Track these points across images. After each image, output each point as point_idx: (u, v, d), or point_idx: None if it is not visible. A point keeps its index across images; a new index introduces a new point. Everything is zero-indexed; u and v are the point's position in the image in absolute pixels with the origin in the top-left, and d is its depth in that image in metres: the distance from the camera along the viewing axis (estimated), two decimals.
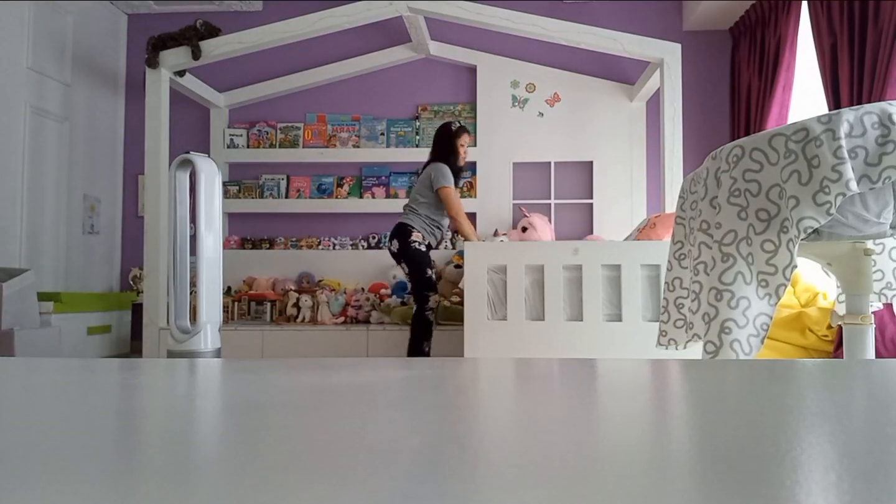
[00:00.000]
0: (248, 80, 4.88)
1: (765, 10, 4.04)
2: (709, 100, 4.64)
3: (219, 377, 0.57)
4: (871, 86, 2.92)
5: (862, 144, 1.33)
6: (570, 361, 0.65)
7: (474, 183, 4.69)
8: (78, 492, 0.24)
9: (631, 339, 2.74)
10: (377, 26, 4.62)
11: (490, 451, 0.30)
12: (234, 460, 0.28)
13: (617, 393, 0.49)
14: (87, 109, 4.62)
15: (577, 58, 4.60)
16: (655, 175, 4.42)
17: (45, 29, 4.20)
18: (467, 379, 0.56)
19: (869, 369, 0.60)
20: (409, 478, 0.25)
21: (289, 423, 0.36)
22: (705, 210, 1.63)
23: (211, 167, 2.96)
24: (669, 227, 3.02)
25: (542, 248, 2.95)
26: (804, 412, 0.40)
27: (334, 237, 4.80)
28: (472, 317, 2.81)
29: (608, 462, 0.28)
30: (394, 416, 0.38)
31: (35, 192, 4.11)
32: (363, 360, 0.66)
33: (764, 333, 1.45)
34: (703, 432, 0.34)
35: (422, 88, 4.84)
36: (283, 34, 3.89)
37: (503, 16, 3.76)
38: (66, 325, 3.76)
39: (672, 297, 1.81)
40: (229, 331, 3.88)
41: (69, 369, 0.61)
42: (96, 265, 4.72)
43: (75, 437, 0.32)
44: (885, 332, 2.95)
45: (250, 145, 4.86)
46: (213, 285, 3.08)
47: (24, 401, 0.44)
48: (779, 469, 0.27)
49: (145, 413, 0.41)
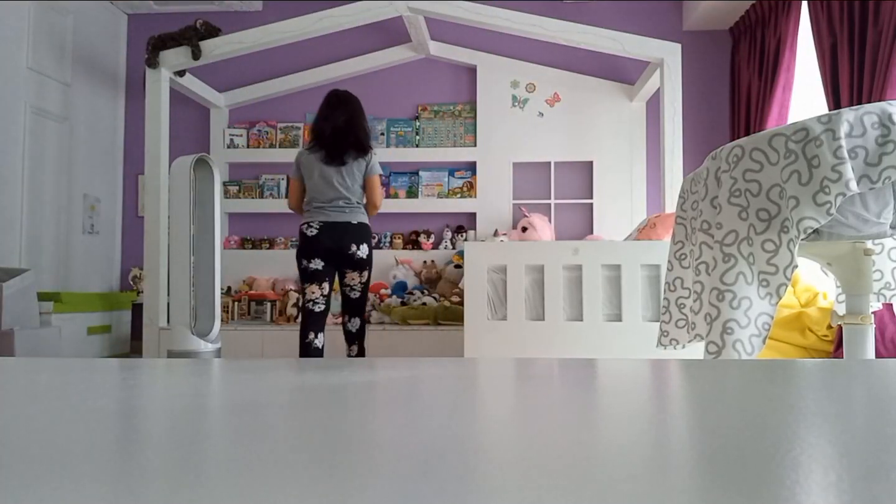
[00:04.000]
0: (248, 80, 4.88)
1: (765, 10, 4.04)
2: (709, 100, 4.64)
3: (219, 377, 0.57)
4: (871, 86, 2.92)
5: (862, 144, 1.33)
6: (570, 361, 0.65)
7: (474, 183, 4.69)
8: (78, 492, 0.24)
9: (631, 339, 2.74)
10: (377, 26, 4.62)
11: (490, 451, 0.30)
12: (234, 460, 0.28)
13: (617, 393, 0.49)
14: (87, 109, 4.62)
15: (577, 58, 4.60)
16: (655, 175, 4.42)
17: (45, 29, 4.20)
18: (467, 379, 0.56)
19: (869, 369, 0.60)
20: (409, 478, 0.25)
21: (289, 423, 0.36)
22: (706, 210, 1.63)
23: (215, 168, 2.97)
24: (669, 227, 3.02)
25: (542, 248, 2.95)
26: (804, 412, 0.40)
27: None
28: (472, 317, 2.81)
29: (608, 462, 0.28)
30: (394, 416, 0.38)
31: (35, 192, 4.11)
32: (363, 360, 0.66)
33: (765, 333, 1.45)
34: (703, 432, 0.34)
35: (422, 88, 4.84)
36: (283, 34, 3.89)
37: (503, 16, 3.76)
38: (66, 325, 3.76)
39: (673, 297, 1.81)
40: (229, 331, 3.88)
41: (69, 369, 0.61)
42: (96, 265, 4.72)
43: (75, 437, 0.32)
44: (885, 332, 2.95)
45: (250, 145, 4.86)
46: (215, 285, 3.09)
47: (24, 401, 0.44)
48: (779, 469, 0.27)
49: (145, 413, 0.41)
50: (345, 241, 3.01)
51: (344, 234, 3.01)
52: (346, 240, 3.01)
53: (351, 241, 3.01)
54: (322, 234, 2.99)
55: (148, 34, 4.19)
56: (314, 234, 3.00)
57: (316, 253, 3.01)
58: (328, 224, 3.00)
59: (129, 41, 5.05)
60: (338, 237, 3.00)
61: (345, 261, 3.04)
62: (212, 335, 3.04)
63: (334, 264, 3.06)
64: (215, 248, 3.13)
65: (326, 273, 3.05)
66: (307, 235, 3.01)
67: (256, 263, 4.75)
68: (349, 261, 3.03)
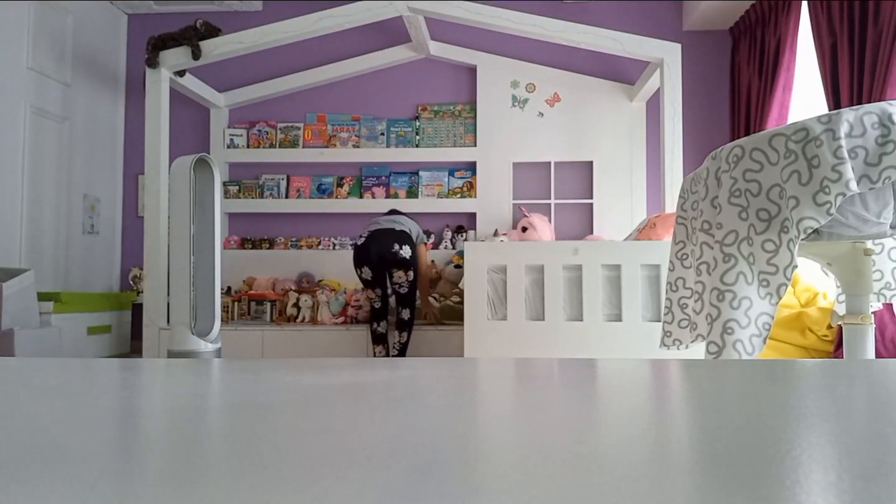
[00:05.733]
0: (248, 80, 4.88)
1: (765, 10, 4.04)
2: (709, 100, 4.64)
3: (219, 377, 0.57)
4: (871, 86, 2.92)
5: (862, 144, 1.33)
6: (570, 361, 0.65)
7: (474, 183, 4.69)
8: (78, 492, 0.24)
9: (631, 339, 2.74)
10: (377, 26, 4.62)
11: (490, 451, 0.30)
12: (234, 460, 0.28)
13: (617, 393, 0.49)
14: (87, 109, 4.62)
15: (577, 58, 4.60)
16: (655, 175, 4.42)
17: (45, 29, 4.20)
18: (467, 379, 0.56)
19: (869, 369, 0.60)
20: (409, 478, 0.25)
21: (289, 423, 0.36)
22: (706, 210, 1.63)
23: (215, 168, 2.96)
24: (669, 227, 3.02)
25: (542, 248, 2.95)
26: (804, 412, 0.40)
27: (334, 237, 4.80)
28: (472, 317, 2.81)
29: (608, 462, 0.28)
30: (394, 416, 0.38)
31: (35, 192, 4.11)
32: (363, 360, 0.66)
33: (766, 333, 1.45)
34: (703, 432, 0.34)
35: (422, 88, 4.84)
36: (283, 34, 3.89)
37: (503, 16, 3.76)
38: (66, 325, 3.75)
39: (675, 297, 1.81)
40: (229, 331, 3.88)
41: (69, 369, 0.61)
42: (96, 265, 4.72)
43: (75, 437, 0.32)
44: (885, 332, 2.95)
45: (250, 145, 4.86)
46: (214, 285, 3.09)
47: (24, 401, 0.44)
48: (779, 469, 0.27)
49: (145, 413, 0.41)
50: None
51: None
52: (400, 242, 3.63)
53: (400, 243, 3.59)
54: None
55: (148, 34, 4.19)
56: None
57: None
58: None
59: (129, 41, 5.05)
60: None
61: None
62: (212, 335, 3.04)
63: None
64: (215, 248, 3.13)
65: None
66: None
67: (256, 263, 4.75)
68: (403, 262, 3.60)
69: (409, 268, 3.53)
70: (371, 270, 3.54)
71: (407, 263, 3.51)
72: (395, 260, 3.50)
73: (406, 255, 3.50)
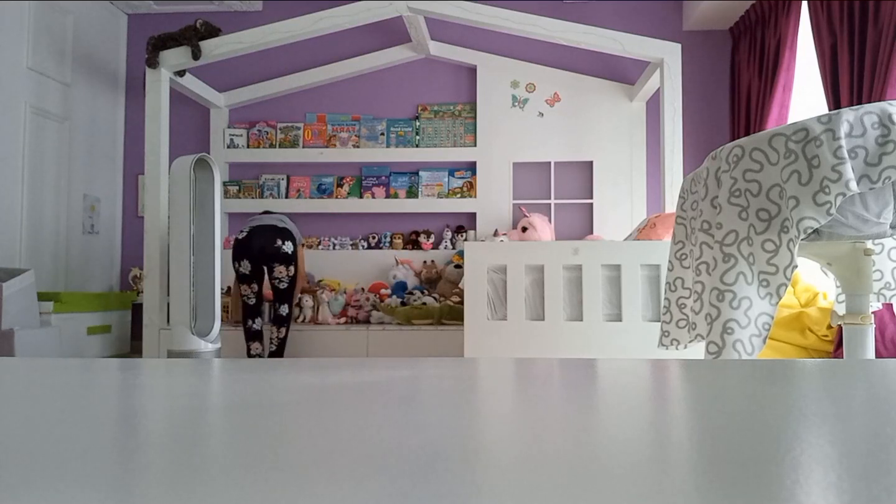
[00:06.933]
0: (248, 80, 4.88)
1: (765, 10, 4.04)
2: (709, 100, 4.64)
3: (219, 377, 0.57)
4: (871, 86, 2.92)
5: (862, 144, 1.33)
6: (570, 361, 0.65)
7: (474, 183, 4.69)
8: (78, 492, 0.24)
9: (631, 339, 2.74)
10: (377, 26, 4.62)
11: (490, 451, 0.30)
12: (234, 460, 0.28)
13: (617, 393, 0.49)
14: (87, 109, 4.62)
15: (577, 58, 4.60)
16: (655, 175, 4.42)
17: (45, 29, 4.20)
18: (467, 379, 0.56)
19: (869, 369, 0.60)
20: (409, 478, 0.25)
21: (289, 423, 0.36)
22: (706, 210, 1.63)
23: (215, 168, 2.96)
24: (669, 227, 3.02)
25: (542, 248, 2.95)
26: (804, 412, 0.40)
27: (334, 237, 4.80)
28: (472, 317, 2.81)
29: (608, 462, 0.28)
30: (394, 416, 0.38)
31: (35, 192, 4.11)
32: (363, 360, 0.66)
33: (766, 333, 1.45)
34: (703, 432, 0.34)
35: (422, 88, 4.84)
36: (283, 34, 3.89)
37: (503, 16, 3.76)
38: (66, 325, 3.75)
39: (674, 297, 1.81)
40: (229, 331, 3.88)
41: (69, 369, 0.61)
42: (96, 265, 4.72)
43: (75, 437, 0.32)
44: (885, 332, 2.95)
45: (250, 145, 4.86)
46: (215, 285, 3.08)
47: (24, 401, 0.44)
48: (779, 469, 0.27)
49: (145, 413, 0.41)
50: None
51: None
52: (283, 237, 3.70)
53: (282, 238, 3.68)
54: None
55: (148, 34, 4.19)
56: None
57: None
58: None
59: (129, 41, 5.04)
60: None
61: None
62: (212, 335, 3.04)
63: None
64: (215, 248, 3.13)
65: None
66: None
67: None
68: (284, 257, 3.68)
69: (291, 263, 3.64)
70: (250, 264, 3.59)
71: (289, 259, 3.63)
72: (278, 255, 3.59)
73: (288, 250, 3.62)
